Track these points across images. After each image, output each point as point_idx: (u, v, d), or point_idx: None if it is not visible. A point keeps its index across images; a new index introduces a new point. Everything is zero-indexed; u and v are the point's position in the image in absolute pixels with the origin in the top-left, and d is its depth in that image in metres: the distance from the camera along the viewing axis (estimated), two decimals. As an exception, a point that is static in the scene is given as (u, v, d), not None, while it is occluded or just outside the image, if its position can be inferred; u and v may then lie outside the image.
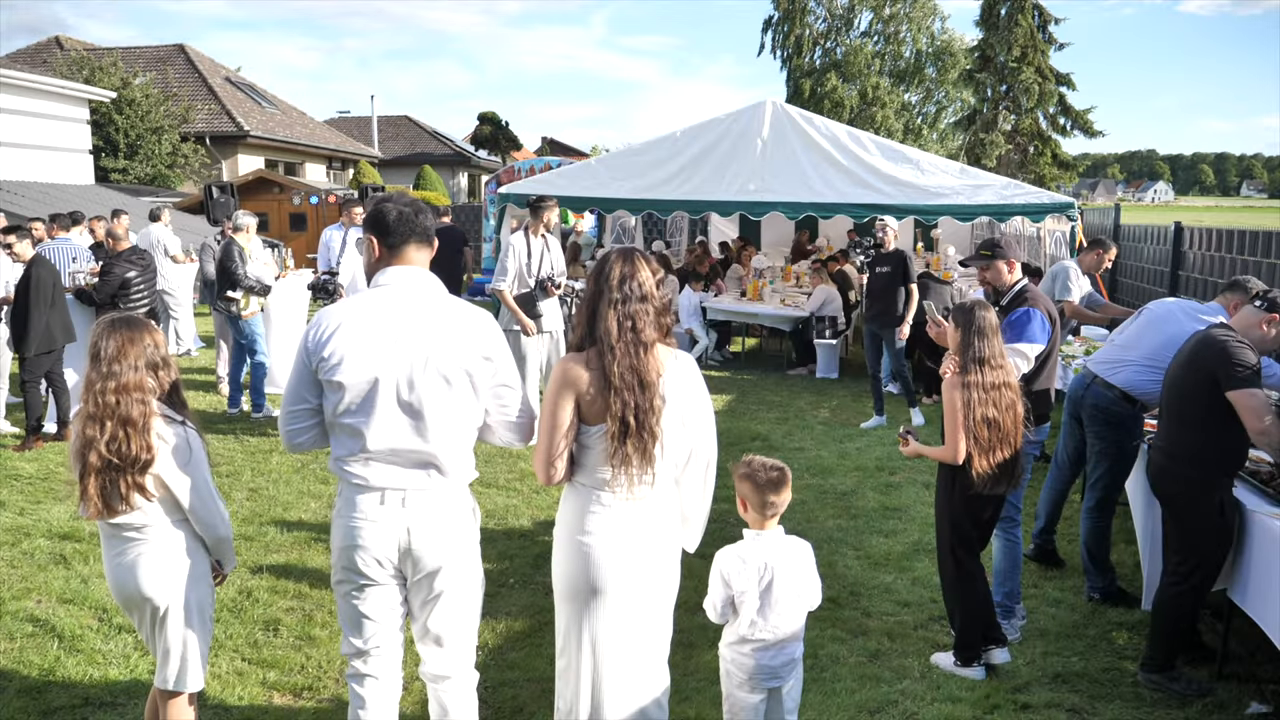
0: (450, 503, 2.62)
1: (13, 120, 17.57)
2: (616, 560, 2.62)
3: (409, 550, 2.58)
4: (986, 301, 3.77)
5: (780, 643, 2.88)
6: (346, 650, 2.72)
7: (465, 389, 2.57)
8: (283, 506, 5.85)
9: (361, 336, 2.52)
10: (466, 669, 2.78)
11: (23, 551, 5.08)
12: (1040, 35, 34.62)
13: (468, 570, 2.69)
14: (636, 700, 2.71)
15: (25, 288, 6.92)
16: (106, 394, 2.62)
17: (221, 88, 26.57)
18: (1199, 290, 8.36)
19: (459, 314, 2.62)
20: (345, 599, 2.67)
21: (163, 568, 2.76)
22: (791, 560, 2.90)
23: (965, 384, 3.58)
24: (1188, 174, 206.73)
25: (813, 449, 7.35)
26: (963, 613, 3.84)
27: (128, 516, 2.71)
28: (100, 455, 2.60)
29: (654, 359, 2.60)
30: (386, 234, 2.64)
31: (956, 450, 3.59)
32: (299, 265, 12.37)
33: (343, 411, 2.54)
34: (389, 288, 2.61)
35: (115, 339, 2.68)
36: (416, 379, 2.51)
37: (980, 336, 3.58)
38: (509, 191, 10.72)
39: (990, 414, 3.54)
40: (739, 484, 2.92)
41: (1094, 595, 4.62)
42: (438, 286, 2.66)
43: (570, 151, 37.86)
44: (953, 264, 11.55)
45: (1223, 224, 8.75)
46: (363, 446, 2.54)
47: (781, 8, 39.39)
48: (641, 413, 2.55)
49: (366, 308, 2.58)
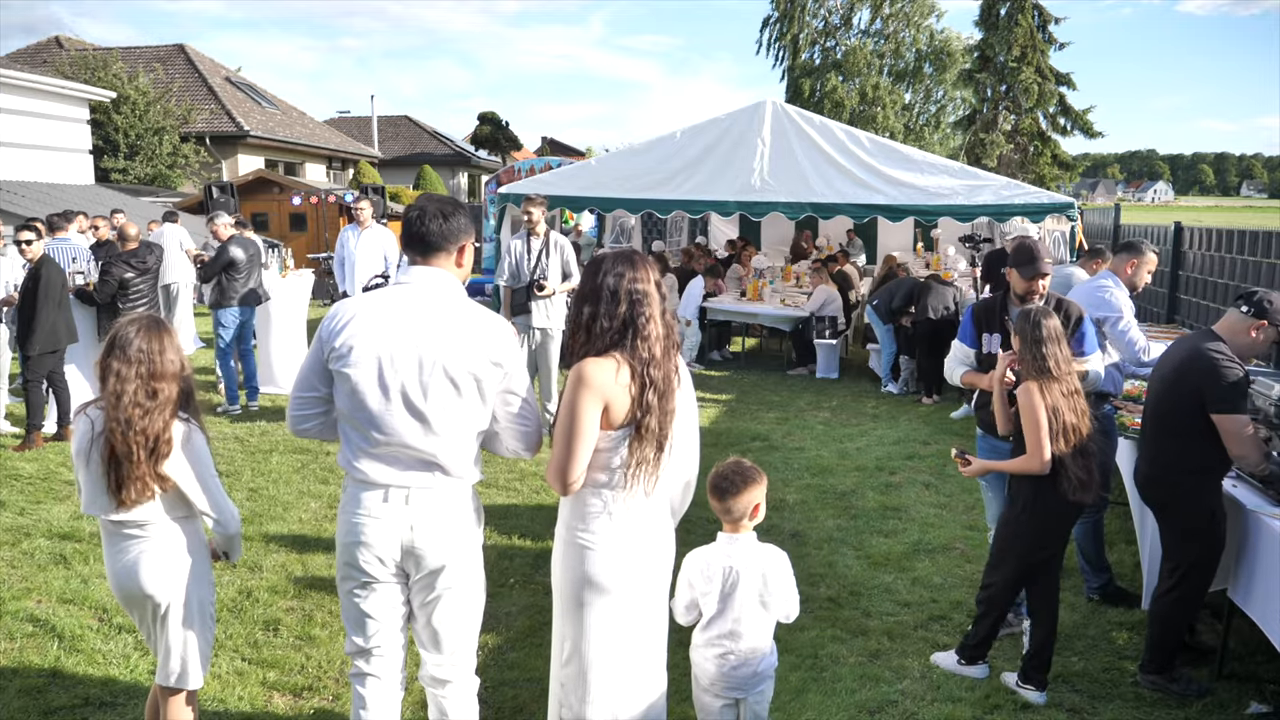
0: (455, 503, 2.62)
1: (13, 120, 17.57)
2: (619, 561, 2.62)
3: (411, 548, 2.58)
4: (1048, 309, 3.73)
5: (741, 653, 2.84)
6: (349, 649, 2.73)
7: (472, 392, 2.56)
8: (283, 506, 5.85)
9: (373, 331, 2.53)
10: (467, 674, 2.78)
11: (23, 551, 5.08)
12: (1040, 35, 34.61)
13: (470, 571, 2.69)
14: (635, 702, 2.71)
15: (34, 287, 6.93)
16: (134, 381, 2.67)
17: (221, 88, 26.57)
18: (1199, 290, 8.36)
19: (473, 317, 2.60)
20: (348, 596, 2.68)
21: (165, 565, 2.78)
22: (758, 568, 2.85)
23: (1042, 390, 3.51)
24: (1188, 174, 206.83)
25: (813, 449, 7.35)
26: (1035, 638, 3.72)
27: (132, 513, 2.72)
28: (126, 441, 2.64)
29: (673, 363, 2.63)
30: (409, 233, 2.67)
31: (1043, 457, 3.49)
32: (299, 265, 12.39)
33: (349, 405, 2.55)
34: (408, 286, 2.62)
35: (142, 331, 2.74)
36: (424, 379, 2.52)
37: (1050, 343, 3.53)
38: (509, 191, 10.72)
39: (1071, 420, 3.50)
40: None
41: (1093, 595, 4.62)
42: (457, 288, 2.66)
43: (570, 151, 37.87)
44: (952, 264, 11.56)
45: (1223, 224, 8.75)
46: (368, 442, 2.56)
47: (780, 7, 39.34)
48: (668, 415, 2.58)
49: (383, 304, 2.59)
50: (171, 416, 2.72)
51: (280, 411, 8.39)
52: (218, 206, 15.35)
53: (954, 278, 10.14)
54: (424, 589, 2.64)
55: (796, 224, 13.13)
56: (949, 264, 11.59)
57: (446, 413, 2.53)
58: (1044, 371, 3.51)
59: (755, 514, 2.88)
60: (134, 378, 2.68)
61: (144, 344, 2.71)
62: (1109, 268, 4.85)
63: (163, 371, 2.72)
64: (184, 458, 2.75)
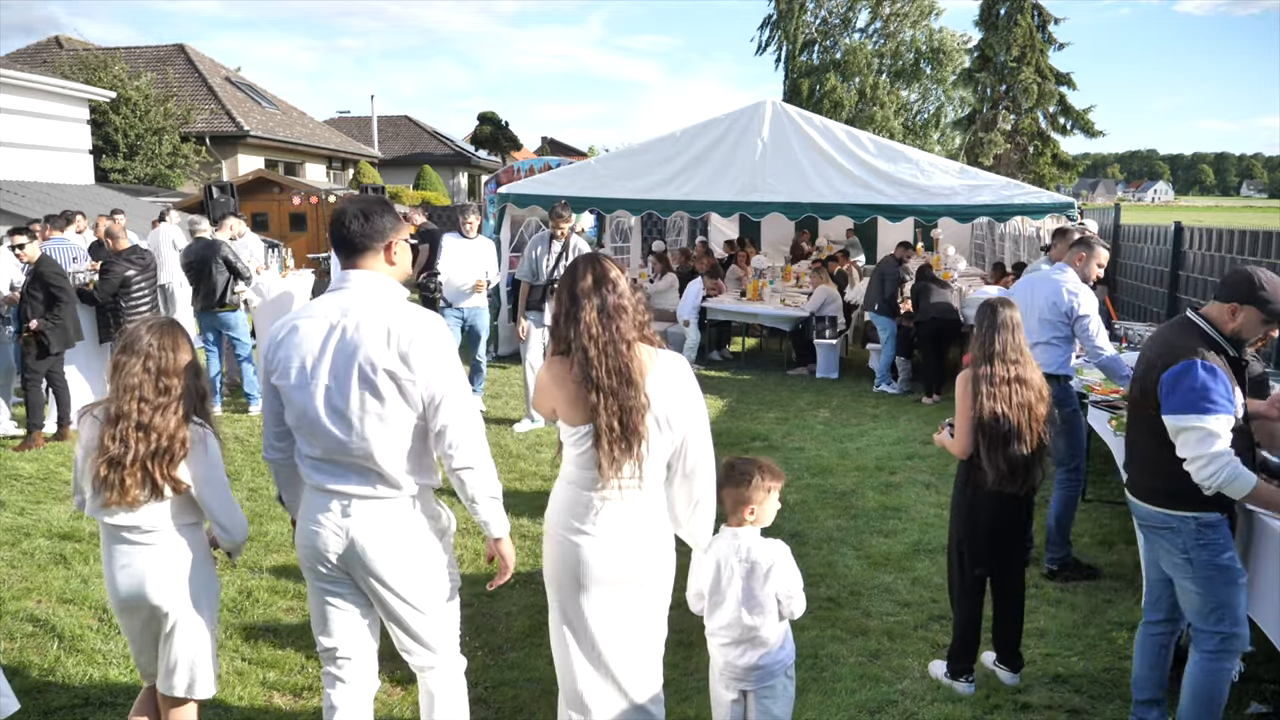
0: (396, 512, 2.60)
1: (12, 120, 17.56)
2: (607, 558, 2.62)
3: (351, 556, 2.58)
4: (1009, 299, 3.78)
5: (742, 643, 2.86)
6: (319, 648, 2.76)
7: (392, 393, 2.50)
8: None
9: (301, 340, 2.54)
10: (446, 659, 2.80)
11: (23, 551, 5.08)
12: (1040, 35, 34.62)
13: (418, 580, 2.65)
14: (629, 697, 2.71)
15: (44, 287, 6.94)
16: (140, 375, 2.65)
17: (221, 88, 26.56)
18: (1199, 290, 8.36)
19: (395, 317, 2.51)
20: (311, 596, 2.72)
21: (174, 575, 2.75)
22: (757, 561, 2.86)
23: (975, 377, 3.58)
24: (1188, 174, 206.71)
25: (813, 449, 7.35)
26: (957, 623, 3.80)
27: (137, 517, 2.69)
28: (140, 440, 2.62)
29: (637, 357, 2.59)
30: (334, 238, 2.63)
31: (962, 443, 3.62)
32: (299, 265, 12.40)
33: (290, 414, 2.57)
34: (341, 290, 2.60)
35: (154, 330, 2.73)
36: (342, 380, 2.50)
37: (998, 331, 3.59)
38: (509, 191, 10.73)
39: (999, 409, 3.53)
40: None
41: (1052, 566, 4.79)
42: (391, 288, 2.60)
43: (570, 151, 37.87)
44: (952, 264, 11.56)
45: (1223, 224, 8.75)
46: (307, 449, 2.59)
47: (780, 7, 39.35)
48: (627, 413, 2.53)
49: (312, 312, 2.59)
50: (184, 418, 2.69)
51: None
52: (218, 206, 15.33)
53: (954, 278, 10.15)
54: (377, 596, 2.65)
55: (796, 224, 13.13)
56: (949, 264, 11.59)
57: (369, 415, 2.50)
58: (989, 358, 3.56)
59: (746, 513, 2.87)
60: (141, 371, 2.65)
61: (154, 340, 2.69)
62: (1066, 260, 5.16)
63: (172, 368, 2.69)
64: (199, 462, 2.72)
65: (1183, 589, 3.20)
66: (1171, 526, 3.13)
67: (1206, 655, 3.14)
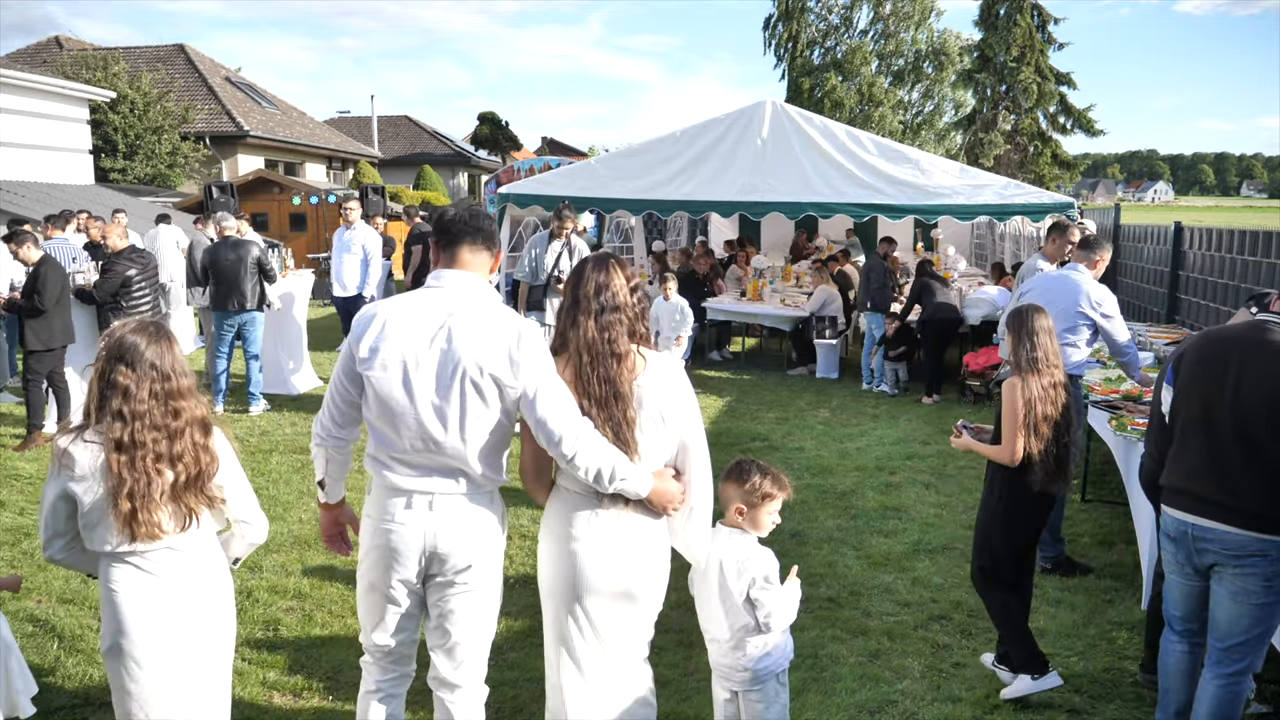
0: (478, 508, 2.63)
1: (12, 120, 17.56)
2: (603, 565, 2.62)
3: (434, 554, 2.59)
4: (1041, 306, 3.82)
5: (721, 645, 2.87)
6: (366, 644, 2.75)
7: (494, 396, 2.53)
8: (283, 506, 5.85)
9: (397, 335, 2.54)
10: (476, 681, 2.77)
11: (23, 551, 5.08)
12: (1039, 35, 34.60)
13: (489, 577, 2.69)
14: (622, 699, 2.71)
15: (34, 286, 6.94)
16: (147, 401, 2.39)
17: (221, 87, 26.55)
18: (1199, 290, 8.36)
19: (498, 320, 2.57)
20: (369, 596, 2.69)
21: (207, 602, 2.58)
22: (728, 563, 2.85)
23: (1025, 384, 3.59)
24: (1188, 174, 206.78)
25: (813, 449, 7.35)
26: (1012, 631, 3.71)
27: (168, 542, 2.46)
28: (161, 471, 2.38)
29: (627, 368, 2.60)
30: (440, 234, 2.68)
31: (1014, 451, 3.57)
32: (299, 265, 12.40)
33: (376, 409, 2.56)
34: (437, 289, 2.62)
35: (155, 342, 2.44)
36: (447, 382, 2.51)
37: (1038, 336, 3.63)
38: (509, 191, 10.72)
39: (1049, 412, 3.57)
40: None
41: (1045, 564, 4.79)
42: (486, 291, 2.66)
43: (570, 151, 37.86)
44: (952, 264, 11.56)
45: (1223, 224, 8.75)
46: (391, 446, 2.56)
47: (781, 6, 39.35)
48: (616, 424, 2.55)
49: (409, 306, 2.59)
50: (205, 434, 2.49)
51: (280, 411, 8.39)
52: (218, 206, 15.33)
53: (954, 278, 10.15)
54: (443, 593, 2.64)
55: (796, 224, 13.13)
56: (949, 264, 11.60)
57: (469, 416, 2.52)
58: (1034, 363, 3.59)
59: (734, 511, 2.88)
60: (148, 397, 2.39)
61: (156, 357, 2.41)
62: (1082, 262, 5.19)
63: (184, 390, 2.46)
64: (227, 465, 2.58)
65: (1237, 614, 2.98)
66: (1268, 554, 2.93)
67: (1231, 678, 3.03)
